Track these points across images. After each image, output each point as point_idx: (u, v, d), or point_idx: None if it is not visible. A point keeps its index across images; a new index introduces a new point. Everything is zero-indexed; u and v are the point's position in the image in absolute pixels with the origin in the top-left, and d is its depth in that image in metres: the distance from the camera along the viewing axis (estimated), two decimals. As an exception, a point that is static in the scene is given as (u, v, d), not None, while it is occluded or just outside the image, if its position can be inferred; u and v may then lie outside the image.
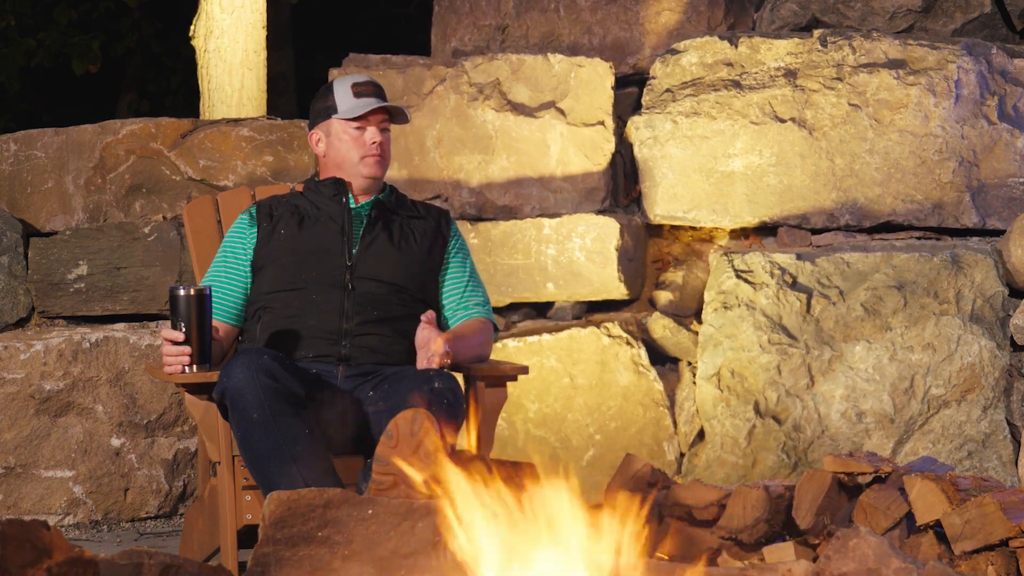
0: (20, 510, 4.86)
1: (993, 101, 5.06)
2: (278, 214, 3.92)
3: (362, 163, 3.89)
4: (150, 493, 4.94)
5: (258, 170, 5.26)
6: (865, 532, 2.87)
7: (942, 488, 3.62)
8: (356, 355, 3.77)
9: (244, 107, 6.28)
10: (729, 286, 4.85)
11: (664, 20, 5.47)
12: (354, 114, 3.87)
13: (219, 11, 6.27)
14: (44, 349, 4.89)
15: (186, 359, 3.63)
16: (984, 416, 4.76)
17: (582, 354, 4.95)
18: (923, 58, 5.06)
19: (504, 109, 5.13)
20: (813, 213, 5.07)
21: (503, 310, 5.07)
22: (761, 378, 4.78)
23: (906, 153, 5.04)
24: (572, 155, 5.11)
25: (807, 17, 5.41)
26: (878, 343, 4.78)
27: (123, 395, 4.92)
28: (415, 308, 3.86)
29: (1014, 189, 5.05)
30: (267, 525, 2.74)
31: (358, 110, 3.87)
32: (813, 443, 4.76)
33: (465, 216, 5.12)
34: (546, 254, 5.03)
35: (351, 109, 3.88)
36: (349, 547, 2.73)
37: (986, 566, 3.50)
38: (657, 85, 5.16)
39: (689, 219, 5.12)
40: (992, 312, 4.80)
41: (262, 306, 3.86)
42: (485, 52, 5.45)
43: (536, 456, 4.91)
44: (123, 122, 5.35)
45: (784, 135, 5.07)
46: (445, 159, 5.14)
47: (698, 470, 4.84)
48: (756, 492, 3.87)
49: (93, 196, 5.26)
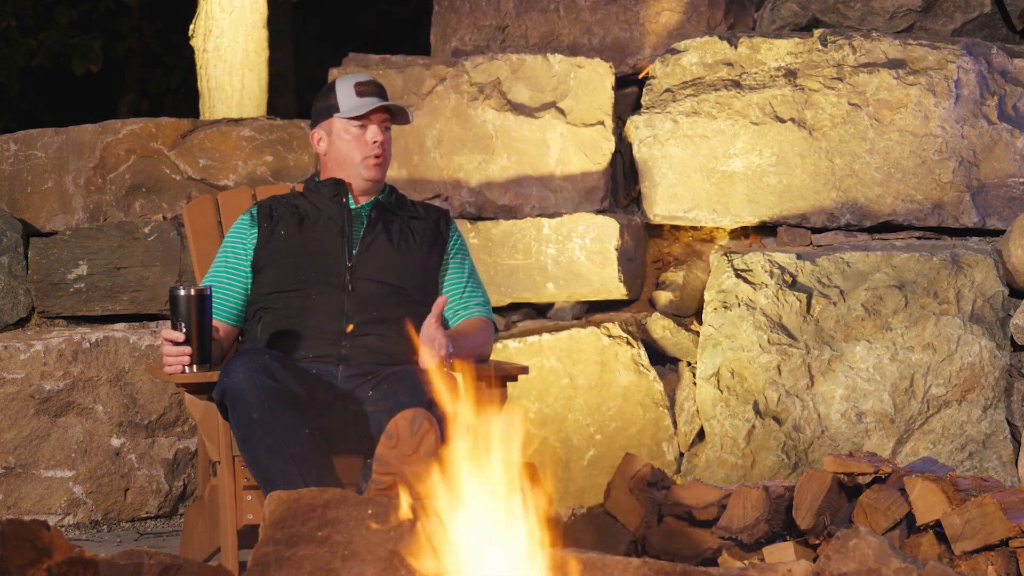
0: (20, 510, 4.86)
1: (993, 101, 5.06)
2: (278, 215, 3.92)
3: (362, 164, 3.90)
4: (150, 493, 4.95)
5: (258, 170, 5.26)
6: (865, 532, 2.87)
7: (942, 488, 3.62)
8: (356, 355, 3.77)
9: (244, 107, 6.28)
10: (729, 286, 4.85)
11: (664, 20, 5.48)
12: (356, 113, 3.87)
13: (218, 10, 6.27)
14: (44, 349, 4.89)
15: (186, 359, 3.63)
16: (984, 416, 4.76)
17: (582, 354, 4.95)
18: (923, 58, 5.06)
19: (504, 109, 5.13)
20: (813, 213, 5.07)
21: (503, 310, 5.08)
22: (761, 378, 4.78)
23: (906, 153, 5.04)
24: (572, 155, 5.11)
25: (807, 17, 5.41)
26: (878, 343, 4.78)
27: (123, 395, 4.92)
28: (415, 309, 3.87)
29: (1014, 189, 5.05)
30: (267, 525, 2.74)
31: (360, 109, 3.88)
32: (813, 443, 4.76)
33: (465, 216, 5.12)
34: (546, 254, 5.03)
35: (353, 108, 3.88)
36: (349, 547, 2.73)
37: (986, 566, 3.50)
38: (657, 85, 5.16)
39: (689, 219, 5.12)
40: (992, 312, 4.80)
41: (262, 307, 3.86)
42: (485, 52, 5.45)
43: (536, 456, 4.92)
44: (123, 122, 5.35)
45: (784, 135, 5.07)
46: (445, 159, 5.14)
47: (698, 470, 4.84)
48: (756, 492, 3.87)
49: (93, 196, 5.26)
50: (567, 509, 4.87)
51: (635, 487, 4.06)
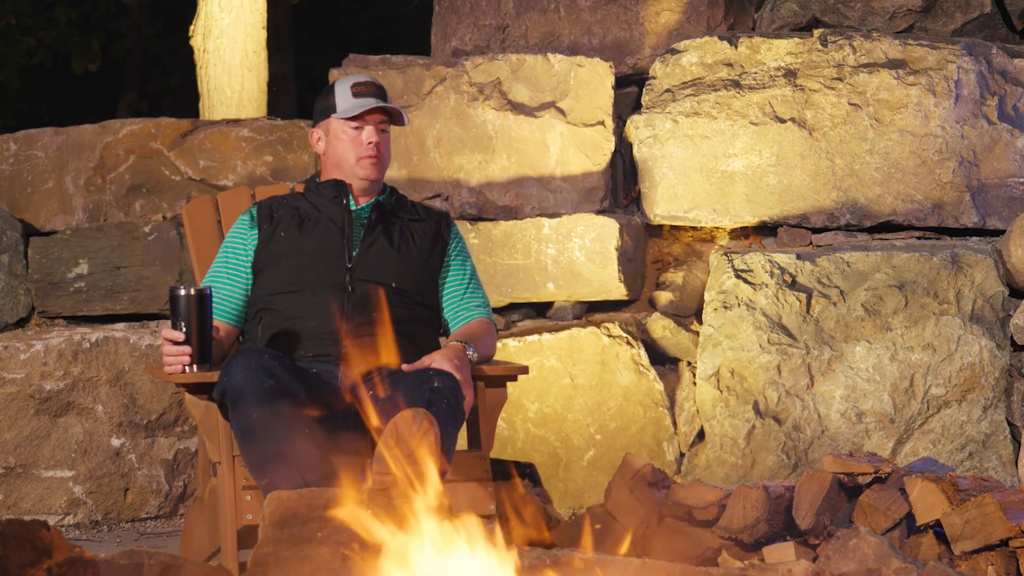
0: (20, 510, 4.86)
1: (993, 101, 5.06)
2: (278, 216, 3.93)
3: (358, 164, 3.91)
4: (150, 493, 4.94)
5: (258, 170, 5.26)
6: (865, 532, 2.88)
7: (942, 488, 3.62)
8: (356, 355, 3.77)
9: (244, 107, 6.28)
10: (729, 286, 4.85)
11: (664, 20, 5.47)
12: (351, 113, 3.89)
13: (218, 11, 6.27)
14: (44, 349, 4.89)
15: (186, 359, 3.63)
16: (984, 416, 4.76)
17: (582, 354, 4.95)
18: (923, 58, 5.06)
19: (504, 109, 5.13)
20: (813, 213, 5.07)
21: (503, 310, 5.07)
22: (761, 378, 4.78)
23: (906, 153, 5.04)
24: (572, 155, 5.11)
25: (807, 17, 5.41)
26: (878, 343, 4.78)
27: (123, 395, 4.92)
28: (414, 310, 3.88)
29: (1014, 189, 5.05)
30: (267, 525, 2.75)
31: (355, 110, 3.89)
32: (813, 443, 4.76)
33: (465, 216, 5.12)
34: (546, 254, 5.03)
35: (349, 109, 3.90)
36: (349, 547, 2.73)
37: (986, 566, 3.50)
38: (657, 85, 5.15)
39: (689, 219, 5.12)
40: (992, 312, 4.80)
41: (263, 307, 3.87)
42: (485, 52, 5.45)
43: (536, 456, 4.92)
44: (123, 122, 5.35)
45: (784, 135, 5.07)
46: (445, 159, 5.14)
47: (698, 470, 4.84)
48: (756, 492, 3.87)
49: (93, 196, 5.26)
50: (567, 509, 4.87)
51: (635, 487, 4.06)
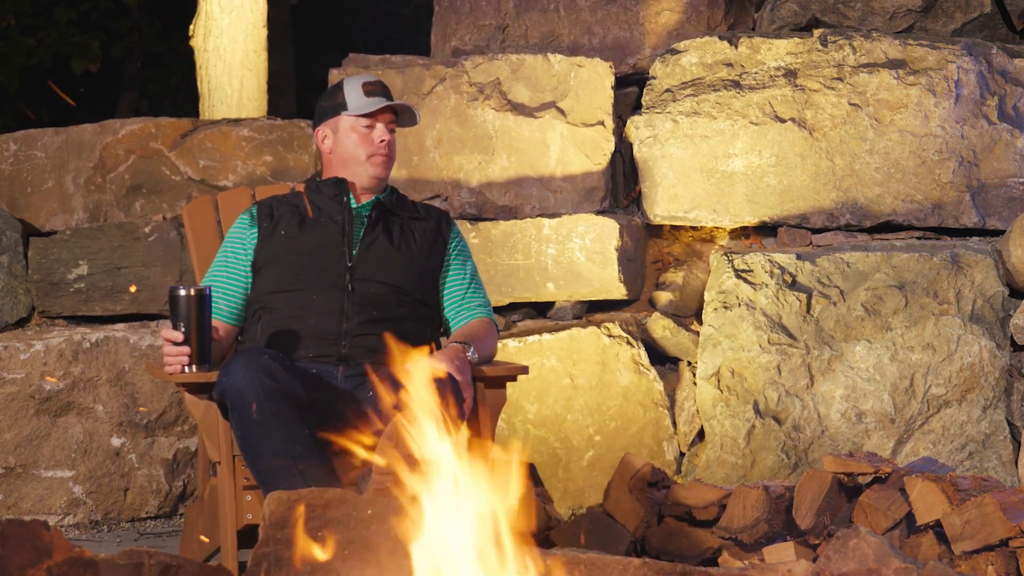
0: (20, 510, 4.86)
1: (993, 101, 5.06)
2: (278, 214, 3.93)
3: (369, 162, 3.91)
4: (150, 493, 4.94)
5: (258, 170, 5.26)
6: (865, 532, 2.88)
7: (942, 488, 3.62)
8: (356, 355, 3.78)
9: (244, 107, 6.27)
10: (729, 286, 4.85)
11: (664, 20, 5.47)
12: (365, 111, 3.90)
13: (218, 11, 6.27)
14: (44, 349, 4.89)
15: (186, 359, 3.63)
16: (984, 416, 4.76)
17: (582, 354, 4.95)
18: (923, 58, 5.06)
19: (504, 109, 5.13)
20: (813, 213, 5.07)
21: (503, 310, 5.08)
22: (761, 378, 4.78)
23: (906, 153, 5.04)
24: (572, 155, 5.11)
25: (807, 17, 5.41)
26: (878, 343, 4.78)
27: (123, 395, 4.92)
28: (414, 309, 3.88)
29: (1014, 189, 5.05)
30: (267, 525, 2.74)
31: (370, 107, 3.90)
32: (813, 443, 4.76)
33: (465, 216, 5.12)
34: (546, 254, 5.03)
35: (362, 106, 3.90)
36: (349, 547, 2.73)
37: (986, 566, 3.50)
38: (657, 85, 5.16)
39: (689, 219, 5.12)
40: (992, 312, 4.80)
41: (262, 306, 3.87)
42: (485, 52, 5.45)
43: (536, 456, 4.92)
44: (123, 122, 5.35)
45: (784, 135, 5.07)
46: (445, 159, 5.14)
47: (698, 470, 4.84)
48: (756, 492, 3.87)
49: (93, 196, 5.26)
50: (567, 509, 4.88)
51: (635, 487, 4.06)
